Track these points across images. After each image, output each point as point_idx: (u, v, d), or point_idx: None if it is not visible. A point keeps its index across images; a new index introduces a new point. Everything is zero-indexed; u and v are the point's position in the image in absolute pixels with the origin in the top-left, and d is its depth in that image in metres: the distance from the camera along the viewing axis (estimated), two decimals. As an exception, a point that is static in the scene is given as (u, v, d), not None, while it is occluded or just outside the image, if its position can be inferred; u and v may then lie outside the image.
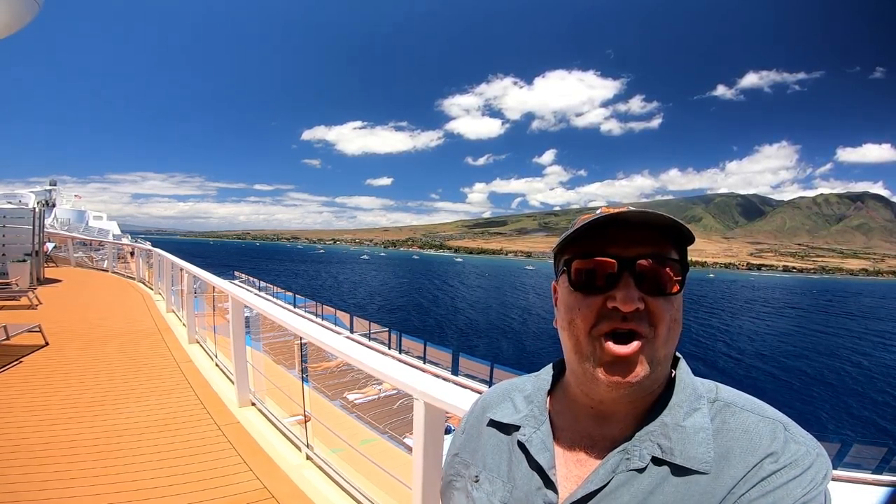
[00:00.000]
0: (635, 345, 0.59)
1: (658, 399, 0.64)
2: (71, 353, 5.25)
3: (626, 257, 0.61)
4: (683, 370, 0.66)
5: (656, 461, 0.59)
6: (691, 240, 0.64)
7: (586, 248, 0.64)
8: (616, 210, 0.63)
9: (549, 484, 0.64)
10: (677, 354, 0.67)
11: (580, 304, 0.63)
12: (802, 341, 42.67)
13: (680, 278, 0.63)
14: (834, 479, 0.59)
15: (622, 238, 0.62)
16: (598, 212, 0.65)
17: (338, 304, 36.11)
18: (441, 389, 1.69)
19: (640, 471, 0.58)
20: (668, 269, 0.62)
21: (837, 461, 9.96)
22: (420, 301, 57.65)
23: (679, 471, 0.57)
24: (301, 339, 3.14)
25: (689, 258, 0.66)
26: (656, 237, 0.63)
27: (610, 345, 0.60)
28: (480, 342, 34.64)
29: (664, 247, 0.63)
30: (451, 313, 48.87)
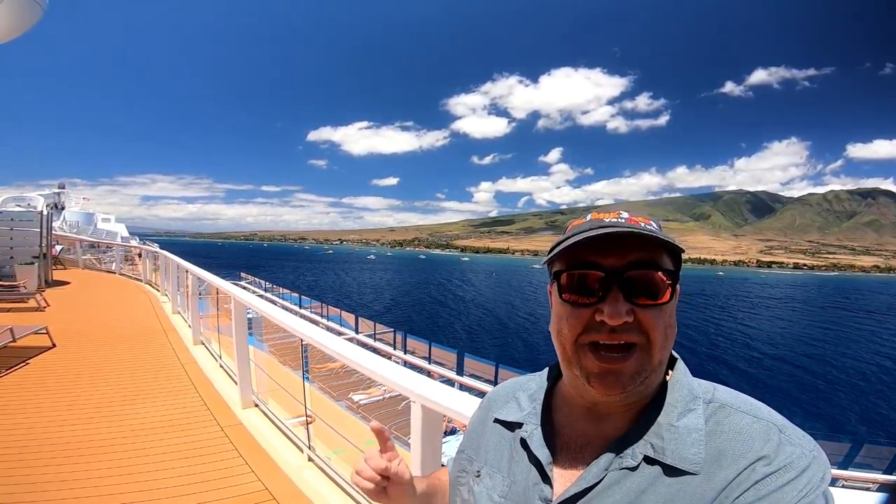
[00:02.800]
0: (626, 358, 0.60)
1: (654, 399, 0.64)
2: (77, 354, 5.29)
3: (614, 269, 0.60)
4: (680, 371, 0.66)
5: (649, 461, 0.59)
6: (680, 250, 0.64)
7: (574, 260, 0.63)
8: (605, 215, 0.65)
9: (546, 479, 0.65)
10: (675, 355, 0.67)
11: (568, 315, 0.63)
12: (826, 339, 41.89)
13: (671, 286, 0.62)
14: (844, 480, 0.55)
15: (611, 248, 0.61)
16: (588, 217, 0.66)
17: (343, 304, 36.18)
18: (438, 392, 1.67)
19: (633, 470, 0.59)
20: (658, 278, 0.61)
21: (847, 462, 9.81)
22: (426, 301, 57.59)
23: (671, 471, 0.57)
24: (303, 340, 3.14)
25: (697, 258, 0.64)
26: (648, 245, 0.61)
27: (594, 358, 0.61)
28: (487, 342, 34.54)
29: (656, 255, 0.62)
30: (458, 313, 48.77)
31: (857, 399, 24.05)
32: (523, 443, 0.70)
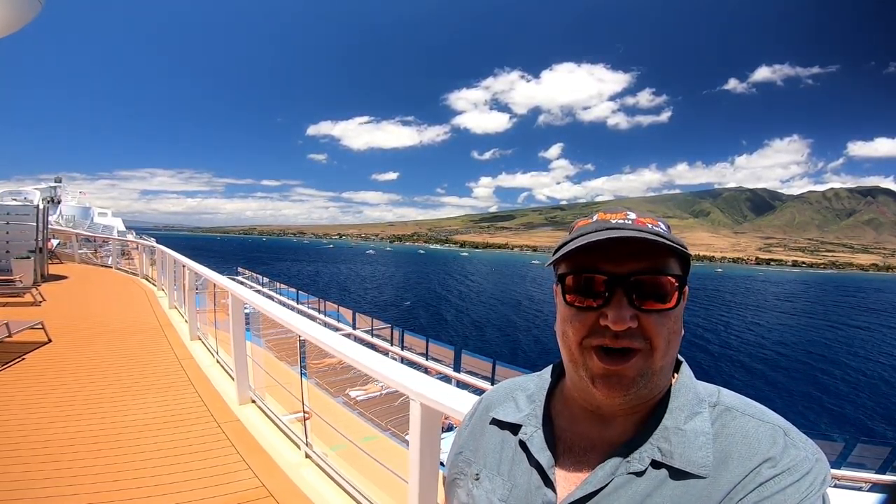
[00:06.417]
0: (627, 359, 0.59)
1: (659, 403, 0.64)
2: (73, 349, 5.27)
3: (618, 274, 0.59)
4: (685, 374, 0.66)
5: (655, 464, 0.58)
6: (688, 255, 0.62)
7: (579, 263, 0.62)
8: (612, 215, 0.63)
9: (549, 483, 0.64)
10: (679, 358, 0.67)
11: (573, 318, 0.62)
12: (837, 338, 42.18)
13: (678, 291, 0.61)
14: (837, 479, 0.54)
15: (617, 252, 0.60)
16: (594, 218, 0.65)
17: (341, 299, 36.18)
18: (437, 391, 1.65)
19: (639, 474, 0.58)
20: (664, 283, 0.60)
21: (841, 461, 9.89)
22: (425, 296, 57.64)
23: (677, 474, 0.57)
24: (300, 336, 3.12)
25: (696, 255, 0.62)
26: (654, 248, 0.60)
27: (598, 360, 0.60)
28: (485, 337, 34.63)
29: (662, 259, 0.61)
30: (456, 308, 48.84)
31: (877, 398, 24.22)
32: (523, 445, 0.69)
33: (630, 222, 0.61)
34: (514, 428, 0.72)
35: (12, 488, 2.55)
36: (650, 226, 0.61)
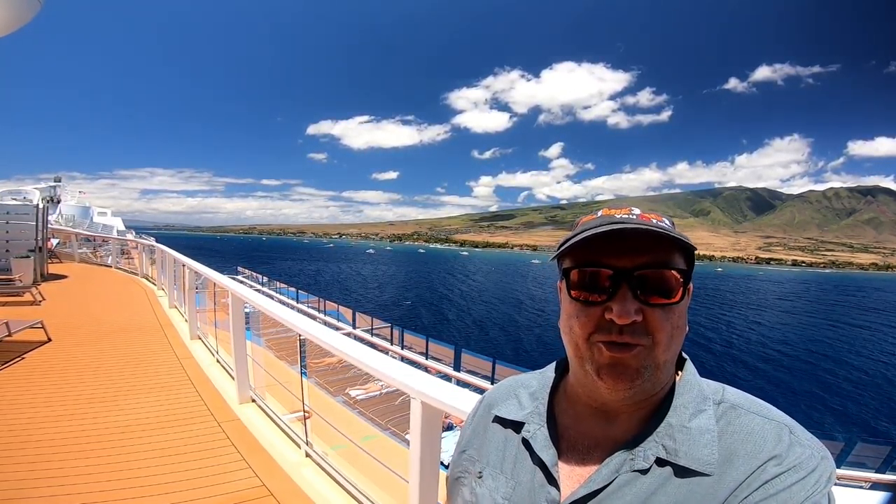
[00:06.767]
0: (633, 350, 0.59)
1: (663, 400, 0.63)
2: (73, 349, 5.26)
3: (623, 268, 0.59)
4: (689, 372, 0.66)
5: (660, 462, 0.58)
6: (692, 248, 0.62)
7: (584, 257, 0.62)
8: (616, 211, 0.63)
9: (552, 481, 0.63)
10: (684, 356, 0.67)
11: (578, 313, 0.62)
12: (839, 337, 42.28)
13: (682, 286, 0.61)
14: (838, 479, 0.55)
15: (622, 245, 0.60)
16: (598, 213, 0.65)
17: (342, 298, 36.18)
18: (438, 389, 1.64)
19: (644, 472, 0.58)
20: (669, 278, 0.60)
21: (841, 460, 9.91)
22: (426, 296, 57.64)
23: (682, 472, 0.56)
24: (300, 335, 3.11)
25: (697, 252, 0.65)
26: (659, 243, 0.60)
27: (606, 349, 0.59)
28: (487, 337, 34.62)
29: (667, 254, 0.61)
30: (458, 308, 48.82)
31: (880, 397, 24.26)
32: (526, 443, 0.68)
33: (634, 217, 0.62)
34: (517, 426, 0.72)
35: (16, 486, 2.55)
36: (654, 221, 0.61)
